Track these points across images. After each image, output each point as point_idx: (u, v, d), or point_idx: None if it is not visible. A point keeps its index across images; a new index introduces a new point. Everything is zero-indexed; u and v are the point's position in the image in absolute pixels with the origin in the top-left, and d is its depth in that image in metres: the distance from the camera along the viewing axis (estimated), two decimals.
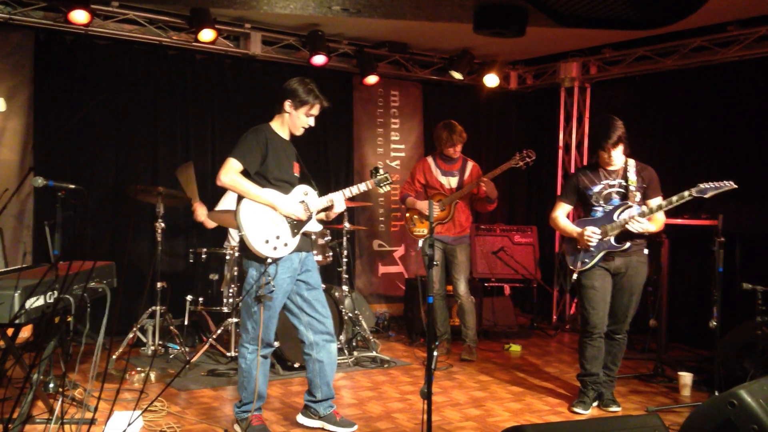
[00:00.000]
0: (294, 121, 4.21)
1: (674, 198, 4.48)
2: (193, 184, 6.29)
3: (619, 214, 4.68)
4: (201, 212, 6.28)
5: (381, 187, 4.50)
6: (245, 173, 4.07)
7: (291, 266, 4.17)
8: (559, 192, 7.04)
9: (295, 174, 4.30)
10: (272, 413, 4.63)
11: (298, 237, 4.18)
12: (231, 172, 4.03)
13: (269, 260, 4.06)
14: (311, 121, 4.25)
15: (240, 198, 4.11)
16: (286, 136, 4.27)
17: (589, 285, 4.79)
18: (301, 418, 4.45)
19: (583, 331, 4.86)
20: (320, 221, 4.40)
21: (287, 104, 4.18)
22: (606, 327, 4.83)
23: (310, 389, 4.39)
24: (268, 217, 4.10)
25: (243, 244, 4.12)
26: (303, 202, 4.23)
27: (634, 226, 4.55)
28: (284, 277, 4.13)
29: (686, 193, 4.44)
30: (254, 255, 4.07)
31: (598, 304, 4.78)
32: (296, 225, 4.18)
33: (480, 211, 6.44)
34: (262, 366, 4.20)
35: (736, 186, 4.42)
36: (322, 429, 4.35)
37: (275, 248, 4.07)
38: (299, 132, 4.28)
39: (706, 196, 4.45)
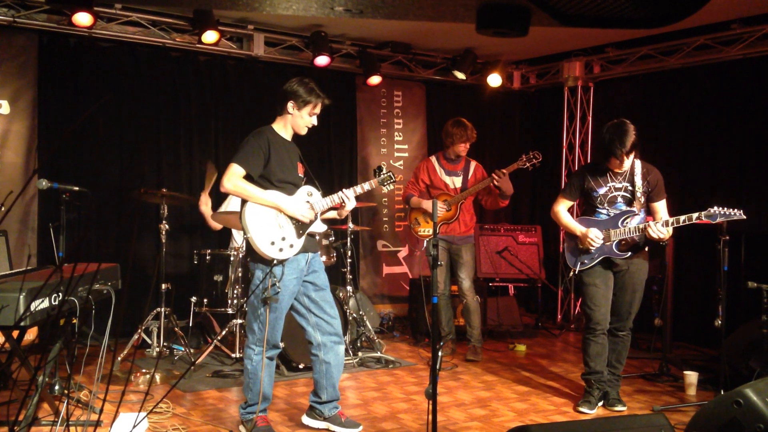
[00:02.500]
0: (298, 121, 4.21)
1: (682, 217, 4.46)
2: (209, 180, 6.29)
3: (624, 222, 4.68)
4: (204, 202, 6.22)
5: (385, 186, 4.50)
6: (249, 177, 4.07)
7: (297, 267, 4.17)
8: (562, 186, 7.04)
9: (299, 175, 4.30)
10: (277, 414, 4.63)
11: (303, 238, 4.19)
12: (234, 178, 4.03)
13: (275, 262, 4.06)
14: (314, 120, 4.26)
15: (244, 200, 4.11)
16: (288, 137, 4.27)
17: (590, 283, 4.79)
18: (306, 419, 4.45)
19: (587, 329, 4.86)
20: (330, 220, 4.40)
21: (290, 105, 4.18)
22: (609, 324, 4.83)
23: (315, 390, 4.39)
24: (272, 219, 4.10)
25: (249, 247, 4.12)
26: (308, 202, 4.23)
27: (655, 234, 4.53)
28: (291, 278, 4.13)
29: (695, 216, 4.42)
30: (260, 257, 4.08)
31: (600, 302, 4.78)
32: (301, 226, 4.18)
33: (490, 208, 6.40)
34: (268, 367, 4.20)
35: (744, 217, 4.40)
36: (327, 430, 4.36)
37: (281, 249, 4.07)
38: (303, 132, 4.28)
39: (714, 221, 4.44)
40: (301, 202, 4.21)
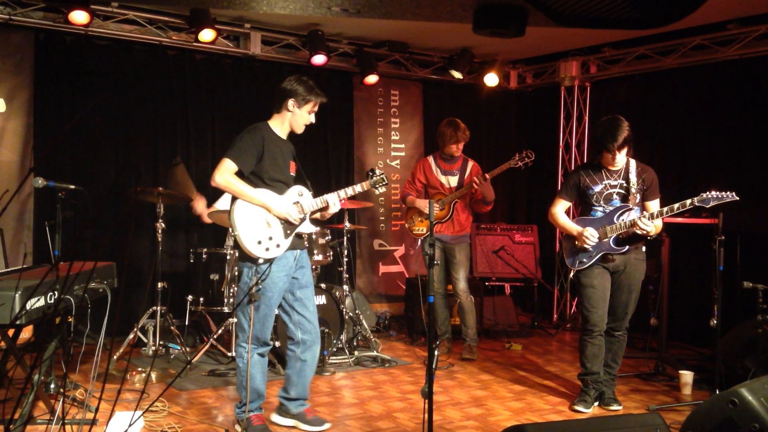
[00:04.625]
0: (297, 119, 4.21)
1: (676, 205, 4.48)
2: (187, 180, 6.25)
3: (619, 217, 4.69)
4: (200, 205, 6.21)
5: (377, 188, 4.49)
6: (240, 173, 4.07)
7: (286, 264, 4.17)
8: (559, 188, 7.04)
9: (292, 173, 4.30)
10: (273, 413, 4.62)
11: (290, 238, 4.18)
12: (225, 173, 4.02)
13: (261, 261, 4.06)
14: (312, 118, 4.27)
15: (234, 198, 4.11)
16: (284, 135, 4.27)
17: (588, 284, 4.80)
18: (275, 417, 4.45)
19: (583, 330, 4.86)
20: (317, 221, 4.40)
21: (290, 103, 4.18)
22: (606, 325, 4.84)
23: (285, 386, 4.39)
24: (261, 218, 4.09)
25: (237, 244, 4.12)
26: (297, 203, 4.23)
27: (643, 227, 4.54)
28: (280, 275, 4.13)
29: (688, 202, 4.45)
30: (247, 255, 4.08)
31: (597, 303, 4.78)
32: (289, 226, 4.18)
33: (477, 211, 6.44)
34: (261, 365, 4.21)
35: (737, 198, 4.41)
36: (296, 428, 4.36)
37: (267, 249, 4.07)
38: (301, 130, 4.28)
39: (707, 206, 4.45)
40: (289, 202, 4.20)
